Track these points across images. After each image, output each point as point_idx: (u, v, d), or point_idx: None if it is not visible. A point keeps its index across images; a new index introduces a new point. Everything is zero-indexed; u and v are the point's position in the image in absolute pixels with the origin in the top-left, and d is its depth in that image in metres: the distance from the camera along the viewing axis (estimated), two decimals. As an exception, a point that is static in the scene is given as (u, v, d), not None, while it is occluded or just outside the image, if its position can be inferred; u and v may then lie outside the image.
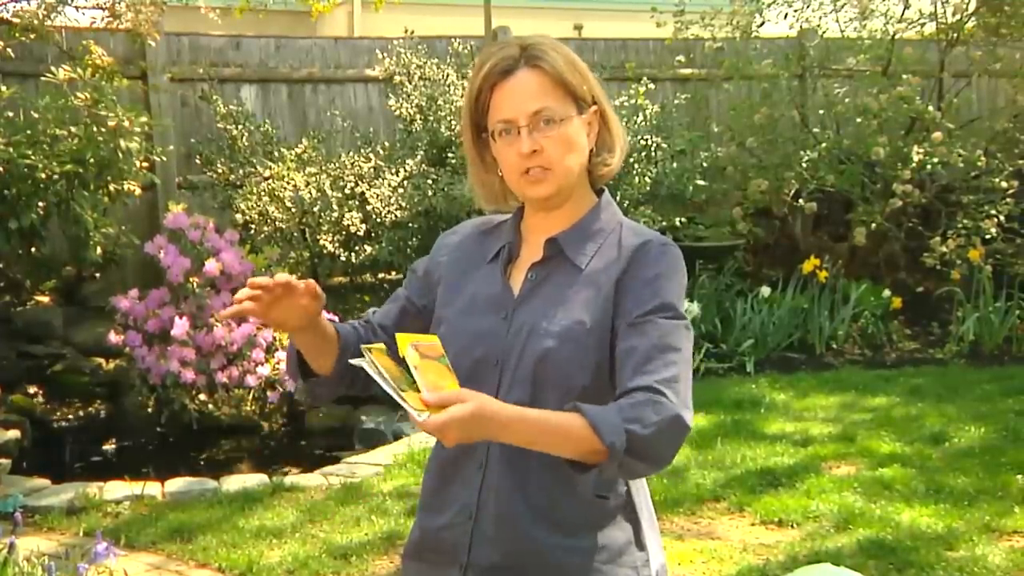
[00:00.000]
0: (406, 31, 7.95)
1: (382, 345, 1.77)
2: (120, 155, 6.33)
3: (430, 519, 1.91)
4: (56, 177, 6.10)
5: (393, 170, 6.99)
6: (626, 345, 1.78)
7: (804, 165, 8.47)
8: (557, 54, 1.83)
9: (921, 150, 8.21)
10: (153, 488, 5.22)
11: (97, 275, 7.29)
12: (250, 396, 6.51)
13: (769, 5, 9.36)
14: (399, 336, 1.73)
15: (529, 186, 1.85)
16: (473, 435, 1.65)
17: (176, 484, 5.30)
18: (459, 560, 1.86)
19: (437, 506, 1.90)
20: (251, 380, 6.14)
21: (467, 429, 1.62)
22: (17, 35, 6.82)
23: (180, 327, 6.15)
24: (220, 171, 7.35)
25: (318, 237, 6.93)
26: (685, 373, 1.78)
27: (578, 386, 1.79)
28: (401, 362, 1.70)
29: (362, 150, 7.38)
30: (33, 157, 5.98)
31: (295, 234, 7.14)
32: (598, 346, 1.80)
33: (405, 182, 6.91)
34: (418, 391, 1.65)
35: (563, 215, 1.89)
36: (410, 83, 7.46)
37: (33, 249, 6.57)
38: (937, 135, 8.24)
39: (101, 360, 7.07)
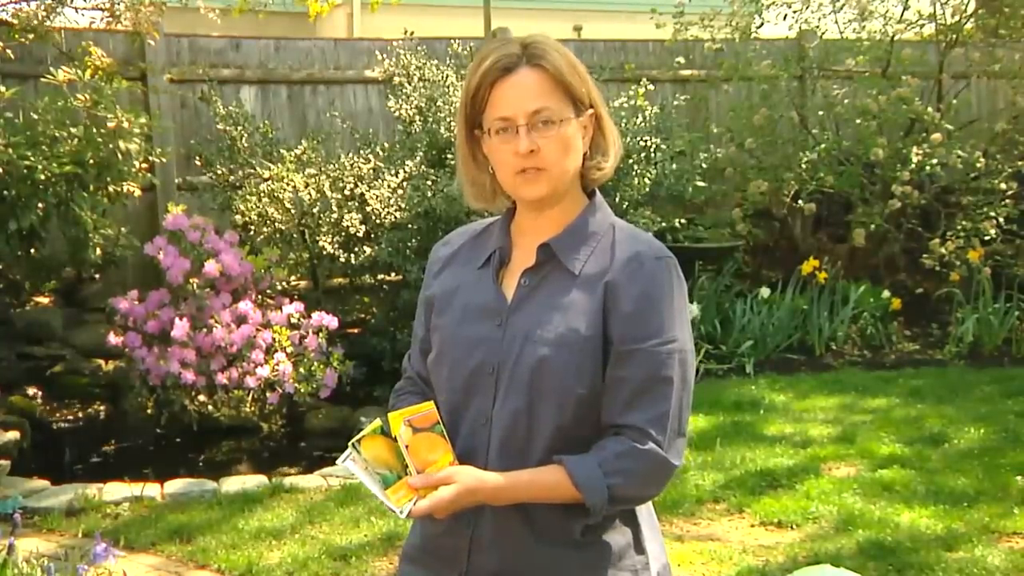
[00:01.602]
0: (405, 32, 7.95)
1: (377, 423, 1.83)
2: (120, 156, 6.32)
3: (430, 525, 1.91)
4: (56, 178, 6.09)
5: (392, 171, 6.99)
6: (616, 374, 1.79)
7: (803, 166, 8.48)
8: (559, 55, 1.82)
9: (920, 151, 8.21)
10: (152, 489, 5.22)
11: (97, 276, 7.29)
12: (250, 397, 6.51)
13: (768, 6, 9.37)
14: (391, 416, 1.82)
15: (524, 186, 1.84)
16: (462, 508, 1.77)
17: (175, 485, 5.31)
18: (459, 567, 1.87)
19: None
20: (251, 381, 6.14)
21: (454, 508, 1.75)
22: (16, 36, 6.81)
23: (180, 328, 6.15)
24: (220, 172, 7.34)
25: (317, 238, 6.92)
26: (677, 404, 1.80)
27: (574, 394, 1.79)
28: (384, 435, 1.81)
29: (361, 151, 7.37)
30: (32, 158, 5.97)
31: (295, 235, 7.13)
32: (593, 353, 1.79)
33: (404, 183, 6.90)
34: (404, 469, 1.78)
35: (554, 217, 1.88)
36: (409, 84, 7.46)
37: (33, 250, 6.57)
38: (936, 136, 8.25)
39: (101, 361, 7.07)
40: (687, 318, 1.85)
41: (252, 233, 7.08)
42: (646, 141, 7.37)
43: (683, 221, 8.15)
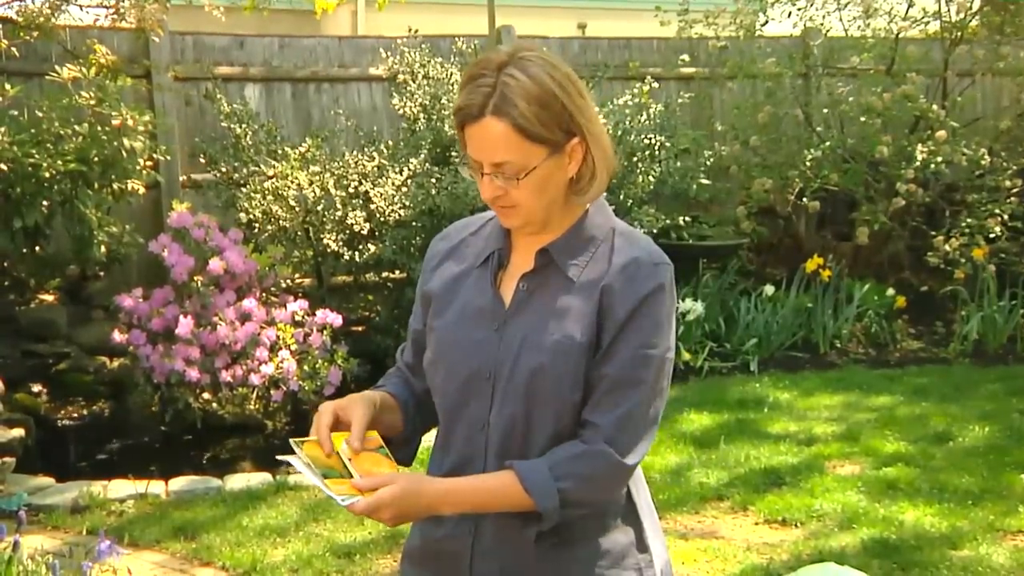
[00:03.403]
0: (410, 30, 7.94)
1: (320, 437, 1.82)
2: (124, 154, 6.33)
3: (430, 529, 1.91)
4: (60, 176, 6.10)
5: (397, 169, 6.99)
6: (594, 372, 1.78)
7: (808, 164, 8.46)
8: (527, 101, 1.73)
9: (925, 149, 8.20)
10: (157, 487, 5.23)
11: (101, 274, 7.30)
12: (254, 395, 6.52)
13: (773, 4, 9.34)
14: (335, 436, 1.81)
15: (500, 217, 1.85)
16: (408, 513, 1.74)
17: (180, 483, 5.32)
18: (461, 571, 1.86)
19: (437, 516, 1.88)
20: (255, 379, 6.15)
21: (398, 508, 1.71)
22: (21, 34, 6.81)
23: (184, 326, 6.15)
24: (224, 170, 7.34)
25: (322, 236, 6.93)
26: (644, 407, 1.78)
27: (571, 401, 1.78)
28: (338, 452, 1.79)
29: (366, 149, 7.38)
30: (37, 156, 5.98)
31: (299, 233, 7.14)
32: (589, 359, 1.79)
33: (409, 181, 6.91)
34: (351, 475, 1.74)
35: (551, 227, 1.86)
36: (414, 82, 7.46)
37: (37, 248, 6.58)
38: (941, 134, 8.23)
39: (105, 359, 7.07)
40: (673, 323, 1.84)
41: (256, 231, 7.08)
42: (650, 139, 7.37)
43: (687, 219, 8.15)
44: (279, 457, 1.82)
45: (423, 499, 1.74)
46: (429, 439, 2.01)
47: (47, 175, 6.01)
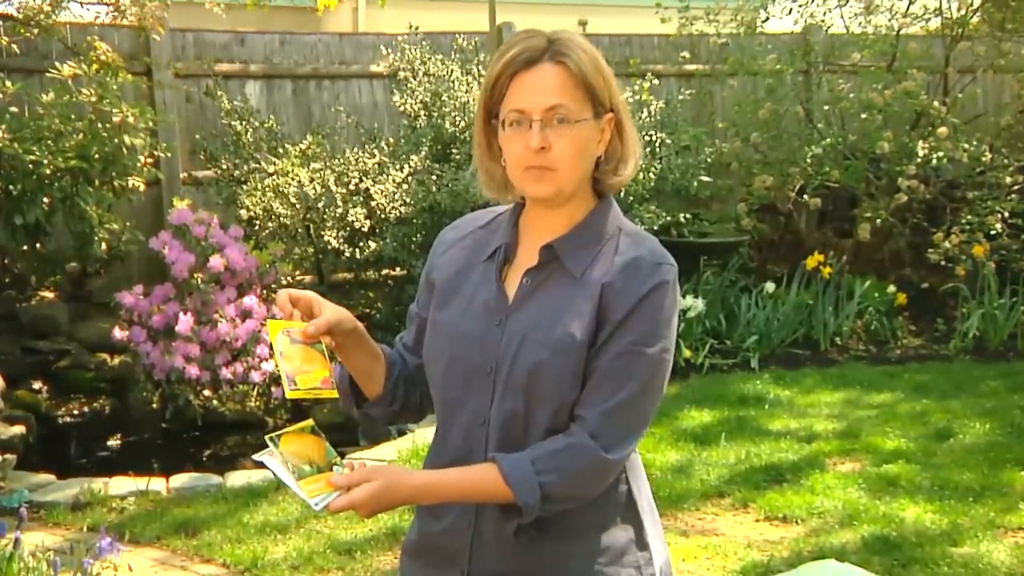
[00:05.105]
0: (411, 27, 7.94)
1: (308, 422, 1.82)
2: (125, 151, 6.34)
3: (428, 523, 1.91)
4: (61, 173, 6.11)
5: (397, 166, 6.99)
6: (590, 365, 1.78)
7: (809, 161, 8.46)
8: (584, 53, 1.80)
9: (926, 145, 8.19)
10: (158, 484, 5.23)
11: (102, 271, 7.30)
12: (254, 392, 6.52)
13: (774, 1, 9.34)
14: (270, 323, 1.79)
15: (530, 183, 1.81)
16: (386, 507, 1.73)
17: (181, 480, 5.32)
18: (460, 566, 1.86)
19: (435, 511, 1.88)
20: (255, 376, 6.16)
21: (374, 506, 1.71)
22: (22, 31, 6.82)
23: (184, 323, 6.16)
24: (225, 167, 7.35)
25: (322, 233, 6.93)
26: (632, 402, 1.77)
27: (569, 400, 1.78)
28: (315, 435, 1.79)
29: (366, 146, 7.39)
30: (38, 153, 5.98)
31: (299, 230, 7.14)
32: (587, 357, 1.79)
33: (409, 178, 6.91)
34: (331, 468, 1.74)
35: (562, 215, 1.85)
36: (415, 79, 7.46)
37: (38, 245, 6.59)
38: (942, 130, 8.22)
39: (106, 356, 7.07)
40: (674, 325, 1.83)
41: (257, 228, 7.09)
42: (651, 136, 7.37)
43: (688, 216, 8.15)
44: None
45: (401, 494, 1.75)
46: (427, 436, 2.01)
47: (48, 172, 6.02)
